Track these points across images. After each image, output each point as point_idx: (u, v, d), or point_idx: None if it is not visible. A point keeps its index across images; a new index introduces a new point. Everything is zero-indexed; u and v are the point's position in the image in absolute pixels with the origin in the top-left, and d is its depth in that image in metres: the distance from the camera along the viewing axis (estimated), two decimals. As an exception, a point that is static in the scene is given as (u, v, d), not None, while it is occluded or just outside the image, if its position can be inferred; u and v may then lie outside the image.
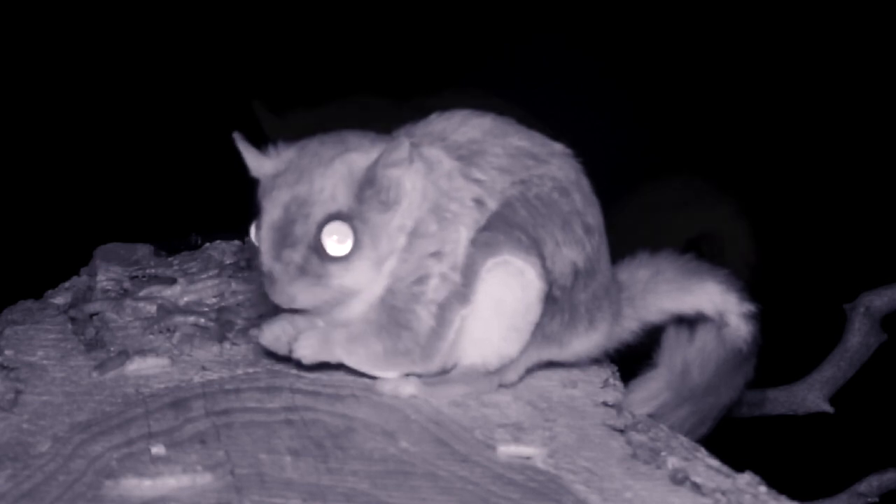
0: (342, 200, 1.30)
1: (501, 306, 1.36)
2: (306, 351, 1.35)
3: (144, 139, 2.83)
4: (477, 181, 1.37)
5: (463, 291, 1.35)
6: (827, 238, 2.64)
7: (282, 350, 1.37)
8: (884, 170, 2.73)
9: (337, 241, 1.30)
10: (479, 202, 1.37)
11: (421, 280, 1.34)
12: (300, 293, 1.30)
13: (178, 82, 2.86)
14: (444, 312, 1.35)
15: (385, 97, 1.33)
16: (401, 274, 1.34)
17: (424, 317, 1.34)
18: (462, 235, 1.35)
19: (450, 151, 1.38)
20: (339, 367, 1.38)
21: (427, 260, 1.34)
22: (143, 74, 2.88)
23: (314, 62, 2.85)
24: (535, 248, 1.36)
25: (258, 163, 1.36)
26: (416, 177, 1.34)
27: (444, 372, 1.39)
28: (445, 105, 1.45)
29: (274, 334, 1.37)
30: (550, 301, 1.38)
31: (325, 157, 1.32)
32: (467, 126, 1.41)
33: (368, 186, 1.31)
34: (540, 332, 1.39)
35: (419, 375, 1.37)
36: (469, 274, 1.35)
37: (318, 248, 1.30)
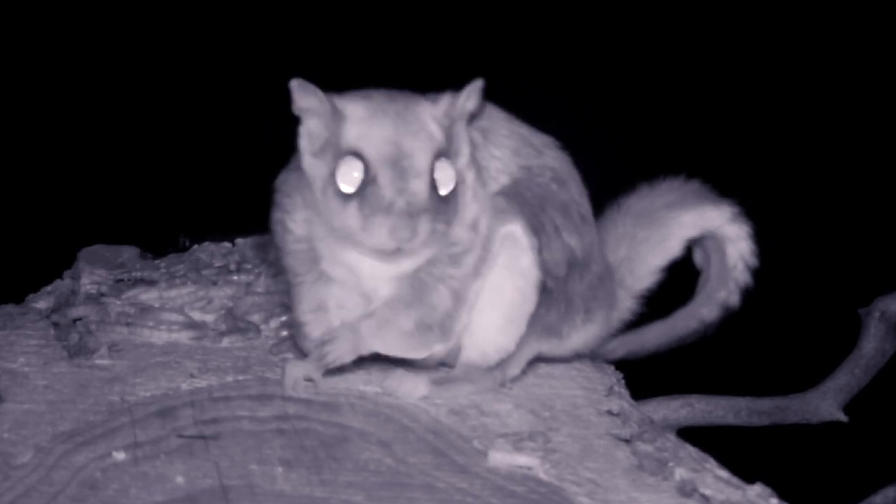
0: (441, 140, 1.30)
1: (499, 297, 1.36)
2: (341, 357, 1.34)
3: (130, 139, 2.84)
4: (494, 157, 1.38)
5: (479, 265, 1.35)
6: (841, 241, 2.65)
7: (302, 393, 1.34)
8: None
9: (443, 178, 1.29)
10: (497, 176, 1.38)
11: (456, 257, 1.33)
12: (423, 228, 1.27)
13: (168, 81, 2.87)
14: (463, 289, 1.34)
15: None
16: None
17: (447, 293, 1.33)
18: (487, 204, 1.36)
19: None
20: (337, 371, 1.36)
21: (466, 232, 1.34)
22: (131, 74, 2.89)
23: (312, 60, 2.85)
24: (535, 233, 1.37)
25: (325, 107, 1.31)
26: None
27: (444, 365, 1.40)
28: None
29: (294, 377, 1.34)
30: (545, 292, 1.38)
31: (412, 100, 1.31)
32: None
33: (448, 133, 1.31)
34: (539, 324, 1.39)
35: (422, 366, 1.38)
36: (487, 244, 1.35)
37: (433, 185, 1.29)
